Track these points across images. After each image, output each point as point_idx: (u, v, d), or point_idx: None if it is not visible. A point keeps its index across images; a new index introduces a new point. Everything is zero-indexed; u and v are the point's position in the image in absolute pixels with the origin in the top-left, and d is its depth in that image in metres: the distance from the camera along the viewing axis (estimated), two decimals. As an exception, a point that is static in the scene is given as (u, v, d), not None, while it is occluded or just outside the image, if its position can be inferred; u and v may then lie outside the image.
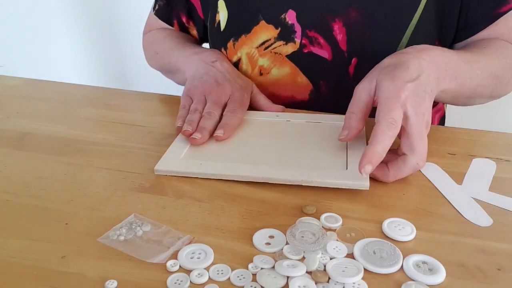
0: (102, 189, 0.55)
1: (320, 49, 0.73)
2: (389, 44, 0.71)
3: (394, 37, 0.71)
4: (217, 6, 0.79)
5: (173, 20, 0.88)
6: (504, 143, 0.65)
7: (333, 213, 0.51)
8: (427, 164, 0.60)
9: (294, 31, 0.73)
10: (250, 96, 0.72)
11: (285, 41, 0.74)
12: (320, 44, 0.73)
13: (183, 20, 0.87)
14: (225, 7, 0.77)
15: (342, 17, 0.71)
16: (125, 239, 0.47)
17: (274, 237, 0.48)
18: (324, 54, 0.73)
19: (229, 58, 0.79)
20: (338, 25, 0.71)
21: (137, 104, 0.78)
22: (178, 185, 0.56)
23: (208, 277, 0.43)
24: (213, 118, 0.65)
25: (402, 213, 0.52)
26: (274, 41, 0.75)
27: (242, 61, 0.77)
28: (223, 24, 0.78)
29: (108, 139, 0.66)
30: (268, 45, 0.75)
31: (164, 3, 0.87)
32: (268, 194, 0.55)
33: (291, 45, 0.74)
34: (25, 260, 0.45)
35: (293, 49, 0.74)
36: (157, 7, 0.89)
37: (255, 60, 0.76)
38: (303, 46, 0.74)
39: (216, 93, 0.68)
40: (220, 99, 0.67)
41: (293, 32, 0.73)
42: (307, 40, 0.73)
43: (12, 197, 0.54)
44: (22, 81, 0.85)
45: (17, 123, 0.70)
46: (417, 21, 0.70)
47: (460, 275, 0.44)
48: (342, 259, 0.45)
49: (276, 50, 0.75)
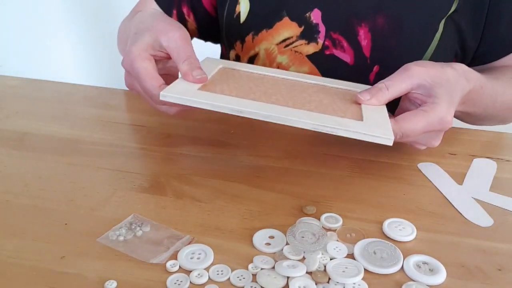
0: (102, 189, 0.55)
1: (342, 52, 0.72)
2: (414, 55, 0.70)
3: (420, 48, 0.70)
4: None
5: (173, 8, 0.81)
6: (504, 143, 0.65)
7: (333, 213, 0.51)
8: (427, 164, 0.60)
9: (318, 31, 0.72)
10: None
11: (307, 41, 0.72)
12: (343, 47, 0.71)
13: (183, 11, 0.81)
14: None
15: (368, 23, 0.70)
16: (124, 240, 0.47)
17: (274, 237, 0.48)
18: (346, 58, 0.72)
19: (245, 51, 0.76)
20: (364, 30, 0.70)
21: (137, 104, 0.78)
22: (178, 185, 0.56)
23: (208, 277, 0.43)
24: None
25: (403, 213, 0.52)
26: (296, 39, 0.73)
27: (260, 56, 0.76)
28: (243, 16, 0.75)
29: (108, 139, 0.66)
30: (289, 43, 0.73)
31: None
32: (268, 194, 0.54)
33: (313, 45, 0.72)
34: (24, 260, 0.45)
35: (315, 50, 0.73)
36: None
37: (273, 57, 0.75)
38: (325, 47, 0.72)
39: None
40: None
41: (316, 32, 0.72)
42: (330, 42, 0.72)
43: (11, 197, 0.54)
44: (22, 81, 0.85)
45: (16, 123, 0.70)
46: (441, 34, 0.69)
47: (460, 275, 0.44)
48: (342, 259, 0.45)
49: (297, 48, 0.73)
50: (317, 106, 0.55)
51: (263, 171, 0.59)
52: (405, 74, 0.56)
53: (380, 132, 0.49)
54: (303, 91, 0.60)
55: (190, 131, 0.67)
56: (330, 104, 0.56)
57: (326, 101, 0.57)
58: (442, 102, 0.54)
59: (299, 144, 0.65)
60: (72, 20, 1.69)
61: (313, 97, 0.58)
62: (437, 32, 0.69)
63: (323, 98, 0.58)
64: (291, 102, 0.55)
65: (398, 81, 0.56)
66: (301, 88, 0.61)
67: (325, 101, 0.57)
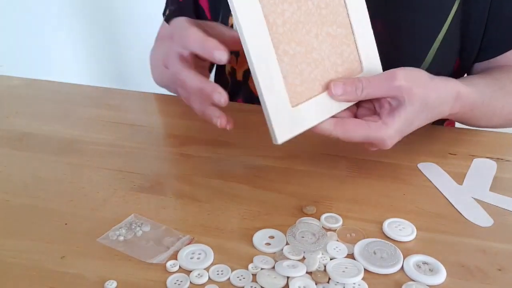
0: (102, 189, 0.55)
1: None
2: (414, 60, 0.69)
3: (419, 55, 0.69)
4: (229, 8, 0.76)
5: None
6: (504, 143, 0.65)
7: (333, 213, 0.51)
8: (427, 164, 0.60)
9: None
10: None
11: None
12: None
13: None
14: None
15: None
16: (124, 239, 0.47)
17: (274, 237, 0.48)
18: None
19: (240, 65, 0.76)
20: None
21: (137, 104, 0.78)
22: (178, 185, 0.56)
23: (208, 277, 0.43)
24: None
25: (403, 213, 0.51)
26: None
27: None
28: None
29: (108, 139, 0.66)
30: None
31: (176, 8, 0.82)
32: (268, 194, 0.54)
33: None
34: (24, 260, 0.45)
35: None
36: (168, 11, 0.83)
37: None
38: None
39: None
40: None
41: None
42: None
43: (11, 197, 0.54)
44: (22, 81, 0.85)
45: (16, 123, 0.70)
46: (441, 40, 0.69)
47: (460, 275, 0.44)
48: (342, 259, 0.45)
49: None
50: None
51: (263, 171, 0.59)
52: (387, 83, 0.53)
53: (278, 130, 0.49)
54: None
55: (190, 131, 0.67)
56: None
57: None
58: (392, 126, 0.52)
59: (299, 144, 0.65)
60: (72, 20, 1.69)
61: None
62: (438, 35, 0.69)
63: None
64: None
65: (377, 88, 0.53)
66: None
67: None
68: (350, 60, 0.55)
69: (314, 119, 0.52)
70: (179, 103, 0.69)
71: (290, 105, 0.51)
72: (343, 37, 0.56)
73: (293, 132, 0.51)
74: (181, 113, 0.72)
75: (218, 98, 0.50)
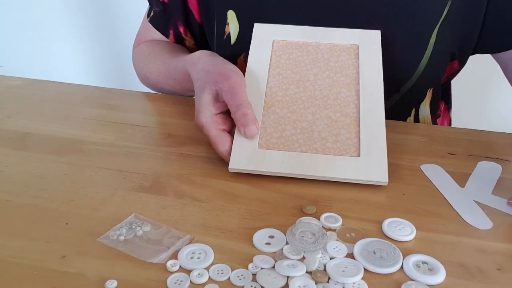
0: (102, 189, 0.55)
1: None
2: (408, 66, 0.70)
3: (414, 59, 0.70)
4: (226, 16, 0.74)
5: (169, 29, 0.82)
6: (504, 143, 0.65)
7: (333, 213, 0.51)
8: (429, 166, 0.60)
9: None
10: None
11: None
12: None
13: (180, 30, 0.82)
14: (236, 18, 0.74)
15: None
16: (125, 239, 0.47)
17: (274, 237, 0.48)
18: None
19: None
20: None
21: (137, 104, 0.78)
22: (178, 185, 0.56)
23: (208, 277, 0.43)
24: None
25: (402, 213, 0.52)
26: None
27: None
28: (233, 37, 0.74)
29: (108, 139, 0.66)
30: None
31: (161, 10, 0.81)
32: (268, 194, 0.55)
33: None
34: (25, 260, 0.45)
35: None
36: (152, 13, 0.82)
37: None
38: None
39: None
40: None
41: None
42: None
43: (12, 197, 0.54)
44: (22, 81, 0.85)
45: (17, 123, 0.70)
46: (434, 40, 0.69)
47: (460, 275, 0.44)
48: (342, 259, 0.45)
49: None
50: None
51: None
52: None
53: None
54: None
55: (190, 131, 0.67)
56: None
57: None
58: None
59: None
60: (73, 20, 1.69)
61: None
62: (430, 39, 0.69)
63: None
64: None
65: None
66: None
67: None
68: (347, 144, 0.58)
69: (275, 167, 0.56)
70: (179, 103, 0.69)
71: (257, 146, 0.57)
72: (344, 125, 0.59)
73: (247, 167, 0.56)
74: (181, 113, 0.72)
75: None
